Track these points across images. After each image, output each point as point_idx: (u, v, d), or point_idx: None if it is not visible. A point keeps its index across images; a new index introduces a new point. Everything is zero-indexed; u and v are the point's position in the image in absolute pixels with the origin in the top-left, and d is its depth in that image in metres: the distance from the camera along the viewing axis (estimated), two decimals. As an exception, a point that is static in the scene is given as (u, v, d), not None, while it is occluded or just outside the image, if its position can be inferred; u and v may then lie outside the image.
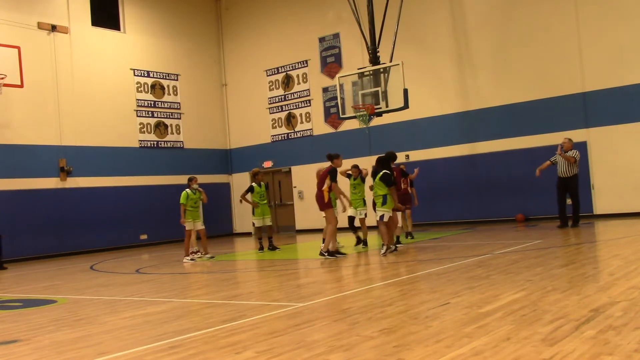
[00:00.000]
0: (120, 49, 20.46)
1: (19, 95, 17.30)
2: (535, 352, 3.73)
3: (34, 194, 17.53)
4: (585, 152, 15.69)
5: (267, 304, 6.49)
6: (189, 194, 12.63)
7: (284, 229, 22.21)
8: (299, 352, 4.19)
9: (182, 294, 8.00)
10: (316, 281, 8.34)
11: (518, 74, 17.03)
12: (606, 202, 15.78)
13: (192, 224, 12.71)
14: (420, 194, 19.04)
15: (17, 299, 8.69)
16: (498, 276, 7.02)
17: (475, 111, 17.87)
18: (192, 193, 12.70)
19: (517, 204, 16.92)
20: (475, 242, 12.03)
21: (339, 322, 5.14)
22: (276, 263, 11.30)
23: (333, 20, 20.44)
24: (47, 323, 6.32)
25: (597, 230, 12.83)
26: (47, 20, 18.37)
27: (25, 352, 4.97)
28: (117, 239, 19.15)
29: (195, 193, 12.77)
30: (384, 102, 15.77)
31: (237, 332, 5.03)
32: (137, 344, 4.93)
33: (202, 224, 12.91)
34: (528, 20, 16.86)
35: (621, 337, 3.92)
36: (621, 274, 6.49)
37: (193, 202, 12.70)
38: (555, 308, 4.95)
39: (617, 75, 15.57)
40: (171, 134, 21.62)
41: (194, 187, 12.80)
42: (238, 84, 23.27)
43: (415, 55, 18.17)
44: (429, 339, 4.26)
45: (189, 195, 12.63)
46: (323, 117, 21.03)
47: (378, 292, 6.72)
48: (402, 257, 9.95)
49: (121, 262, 13.92)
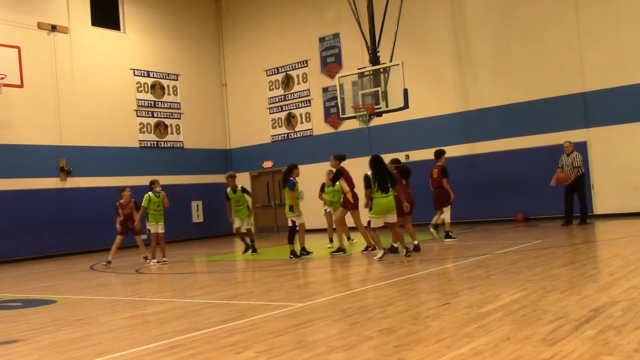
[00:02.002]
0: (120, 49, 20.46)
1: (19, 95, 17.30)
2: (535, 352, 3.73)
3: (34, 194, 17.53)
4: (585, 152, 15.68)
5: (267, 304, 6.49)
6: (151, 197, 12.51)
7: (284, 229, 22.18)
8: (299, 352, 4.19)
9: (182, 294, 8.00)
10: (316, 281, 8.34)
11: (518, 74, 17.02)
12: (606, 202, 15.78)
13: (156, 227, 12.58)
14: (421, 194, 19.08)
15: (17, 299, 8.69)
16: (498, 276, 7.02)
17: (475, 111, 17.87)
18: (154, 196, 12.52)
19: (517, 204, 16.92)
20: (475, 242, 12.03)
21: (339, 322, 5.14)
22: (276, 263, 11.30)
23: (333, 20, 20.44)
24: (47, 323, 6.31)
25: (597, 230, 12.83)
26: (47, 20, 18.37)
27: (25, 352, 4.97)
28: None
29: (159, 196, 12.58)
30: (384, 102, 15.77)
31: (237, 332, 5.03)
32: (137, 344, 4.93)
33: (162, 227, 12.69)
34: (528, 20, 16.86)
35: (621, 337, 3.92)
36: (621, 274, 6.49)
37: (156, 205, 12.53)
38: (555, 308, 4.95)
39: (617, 75, 15.57)
40: (171, 134, 21.62)
41: (156, 190, 12.58)
42: (238, 84, 23.27)
43: (415, 55, 18.17)
44: (429, 339, 4.26)
45: (151, 198, 12.51)
46: (323, 117, 21.03)
47: (378, 292, 6.71)
48: (403, 257, 9.93)
49: (121, 262, 13.92)
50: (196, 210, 21.76)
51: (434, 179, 12.42)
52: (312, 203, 21.66)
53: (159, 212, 12.65)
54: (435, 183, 12.38)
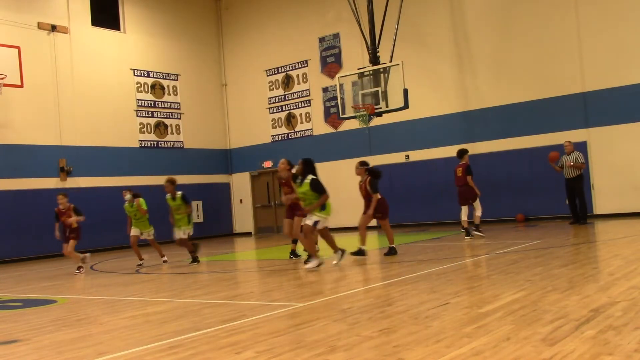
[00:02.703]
0: (120, 49, 20.46)
1: (19, 95, 17.30)
2: (535, 352, 3.73)
3: (34, 194, 17.52)
4: (586, 152, 15.68)
5: (267, 304, 6.49)
6: (125, 208, 12.47)
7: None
8: (299, 352, 4.19)
9: (182, 294, 8.00)
10: (316, 281, 8.33)
11: (518, 74, 17.03)
12: (606, 202, 15.78)
13: (139, 233, 12.47)
14: (421, 194, 19.13)
15: (17, 299, 8.69)
16: (498, 276, 7.02)
17: (475, 111, 17.87)
18: (128, 206, 12.40)
19: (517, 204, 16.92)
20: (475, 242, 12.03)
21: (339, 322, 5.13)
22: (276, 263, 11.30)
23: (333, 20, 20.44)
24: (47, 323, 6.31)
25: (597, 230, 12.83)
26: (47, 20, 18.37)
27: (25, 352, 4.97)
28: (117, 239, 19.13)
29: (132, 206, 12.33)
30: (384, 102, 15.78)
31: (237, 332, 5.02)
32: (137, 344, 4.93)
33: (149, 234, 12.53)
34: (528, 20, 16.86)
35: (621, 337, 3.92)
36: (621, 274, 6.49)
37: (132, 214, 12.41)
38: (555, 308, 4.95)
39: (617, 75, 15.57)
40: (171, 134, 21.62)
41: (126, 198, 12.38)
42: (238, 84, 23.27)
43: (415, 55, 18.18)
44: (429, 339, 4.26)
45: (125, 208, 12.48)
46: (323, 117, 21.03)
47: (378, 292, 6.71)
48: (402, 257, 9.94)
49: (121, 262, 13.92)
50: (196, 211, 21.74)
51: (458, 177, 12.83)
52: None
53: (138, 220, 12.40)
54: (460, 181, 12.79)
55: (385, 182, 19.65)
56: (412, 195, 18.84)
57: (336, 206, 22.93)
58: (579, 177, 14.23)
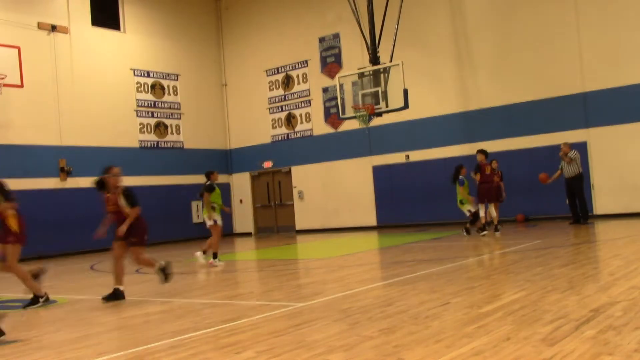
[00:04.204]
0: (120, 49, 20.45)
1: (19, 95, 17.29)
2: (535, 352, 3.73)
3: (34, 194, 17.51)
4: (585, 152, 15.69)
5: (267, 304, 6.49)
6: None
7: (284, 229, 22.21)
8: (299, 352, 4.19)
9: (182, 294, 8.00)
10: (316, 281, 8.33)
11: (518, 74, 17.02)
12: (606, 202, 15.78)
13: None
14: (421, 194, 19.12)
15: (17, 299, 8.68)
16: (498, 276, 7.02)
17: (475, 111, 17.87)
18: None
19: (517, 204, 16.90)
20: (475, 242, 12.03)
21: (339, 322, 5.13)
22: (276, 263, 11.30)
23: (333, 20, 20.44)
24: (47, 323, 6.31)
25: (597, 230, 12.83)
26: (47, 20, 18.36)
27: (25, 352, 4.97)
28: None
29: None
30: (384, 102, 15.77)
31: (237, 332, 5.03)
32: (137, 344, 4.93)
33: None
34: (528, 20, 16.85)
35: (621, 337, 3.92)
36: (621, 274, 6.49)
37: None
38: (555, 308, 4.95)
39: (617, 75, 15.57)
40: (171, 134, 21.61)
41: None
42: (238, 84, 23.26)
43: (415, 55, 18.17)
44: (429, 339, 4.26)
45: None
46: (323, 117, 21.02)
47: (378, 292, 6.71)
48: (403, 257, 9.94)
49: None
50: (196, 211, 21.73)
51: (487, 174, 13.34)
52: (314, 203, 21.72)
53: None
54: (488, 178, 13.27)
55: (385, 182, 19.80)
56: (412, 195, 18.84)
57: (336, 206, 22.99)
58: (579, 177, 14.25)
